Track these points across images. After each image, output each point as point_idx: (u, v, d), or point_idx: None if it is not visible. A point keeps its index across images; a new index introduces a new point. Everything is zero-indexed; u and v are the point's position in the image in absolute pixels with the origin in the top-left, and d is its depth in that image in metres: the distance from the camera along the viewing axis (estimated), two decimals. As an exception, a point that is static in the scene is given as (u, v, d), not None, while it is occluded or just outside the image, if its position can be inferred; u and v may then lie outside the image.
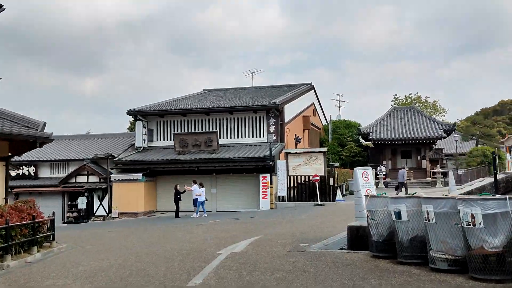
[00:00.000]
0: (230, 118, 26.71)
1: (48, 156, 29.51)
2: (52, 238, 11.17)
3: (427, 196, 5.70)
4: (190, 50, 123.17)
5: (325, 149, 22.88)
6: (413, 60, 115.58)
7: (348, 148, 34.92)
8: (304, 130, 31.14)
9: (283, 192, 22.58)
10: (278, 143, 24.73)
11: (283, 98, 26.32)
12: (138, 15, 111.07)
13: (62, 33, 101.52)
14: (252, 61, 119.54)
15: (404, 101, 46.53)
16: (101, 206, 27.76)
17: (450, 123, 32.77)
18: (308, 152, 23.02)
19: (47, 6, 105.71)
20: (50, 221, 11.14)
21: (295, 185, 23.09)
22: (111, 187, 26.36)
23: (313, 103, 34.96)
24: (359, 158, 35.17)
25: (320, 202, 21.15)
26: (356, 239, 7.27)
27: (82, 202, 27.56)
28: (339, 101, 44.41)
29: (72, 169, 28.40)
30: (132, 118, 27.88)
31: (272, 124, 25.28)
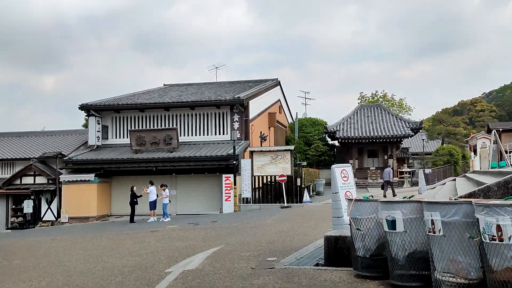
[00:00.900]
0: (192, 114, 25.09)
1: (-10, 155, 26.96)
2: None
3: (432, 201, 4.42)
4: (154, 48, 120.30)
5: (292, 147, 21.67)
6: (376, 61, 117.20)
7: (315, 147, 33.95)
8: (270, 128, 29.90)
9: (248, 194, 21.21)
10: (243, 141, 23.34)
11: (248, 93, 24.95)
12: (101, 11, 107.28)
13: (21, 28, 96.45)
14: (218, 60, 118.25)
15: (371, 99, 46.19)
16: (50, 210, 25.59)
17: (417, 122, 32.39)
18: (274, 151, 21.74)
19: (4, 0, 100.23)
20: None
21: (260, 186, 21.79)
22: (61, 189, 24.26)
23: (279, 100, 33.78)
24: (326, 158, 34.31)
25: (287, 204, 19.92)
26: (335, 253, 5.97)
27: (28, 206, 25.38)
28: (305, 99, 43.52)
29: (17, 169, 26.01)
30: (85, 114, 25.68)
31: (236, 121, 23.86)
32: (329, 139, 36.72)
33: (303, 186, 21.51)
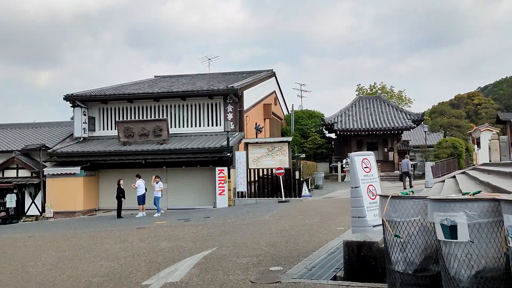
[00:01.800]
0: (183, 105, 23.69)
1: (-31, 147, 25.43)
2: None
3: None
4: (149, 44, 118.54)
5: (290, 139, 20.31)
6: (371, 56, 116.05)
7: (312, 140, 32.65)
8: (265, 120, 28.55)
9: (243, 187, 19.90)
10: (237, 133, 21.99)
11: (243, 83, 23.58)
12: (96, 7, 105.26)
13: (16, 25, 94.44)
14: (214, 59, 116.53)
15: (369, 91, 44.84)
16: (34, 204, 24.21)
17: (419, 113, 31.15)
18: (271, 142, 20.39)
19: None
20: None
21: (256, 179, 20.48)
22: (45, 183, 22.83)
23: (275, 91, 32.41)
24: (323, 150, 33.04)
25: (285, 199, 18.64)
26: (359, 263, 4.67)
27: (11, 200, 24.09)
28: (301, 91, 42.13)
29: (-1, 162, 24.52)
30: (70, 105, 24.20)
31: (230, 111, 22.49)
32: (326, 132, 35.46)
33: (302, 180, 20.23)
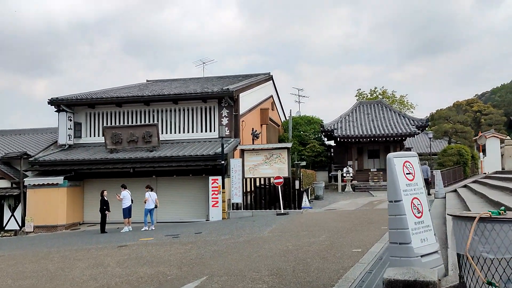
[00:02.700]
0: (175, 109, 22.24)
1: None
2: None
3: None
4: (146, 52, 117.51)
5: (290, 145, 18.84)
6: (368, 63, 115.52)
7: (310, 147, 31.20)
8: (262, 126, 27.13)
9: (238, 199, 18.39)
10: (232, 139, 20.53)
11: (238, 85, 22.17)
12: (92, 16, 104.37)
13: (11, 34, 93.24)
14: (209, 63, 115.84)
15: (369, 96, 43.53)
16: (13, 218, 22.50)
17: (423, 119, 29.85)
18: (269, 149, 18.91)
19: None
20: None
21: (253, 189, 18.98)
22: (25, 194, 21.19)
23: (272, 96, 31.03)
24: (322, 158, 31.60)
25: (284, 211, 17.14)
26: (408, 313, 3.20)
27: (-11, 213, 22.37)
28: (299, 96, 40.75)
29: (-24, 172, 22.86)
30: (55, 109, 22.69)
31: (225, 116, 21.05)
32: (325, 139, 34.06)
33: (302, 190, 18.76)
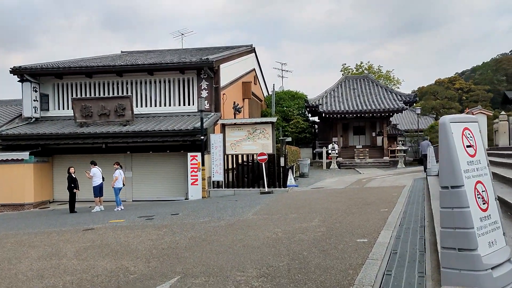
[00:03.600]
0: (150, 81, 20.68)
1: None
2: None
3: None
4: (125, 26, 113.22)
5: (275, 119, 17.58)
6: (351, 41, 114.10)
7: (294, 123, 30.05)
8: (244, 100, 25.77)
9: (219, 176, 17.18)
10: (213, 113, 19.18)
11: (219, 55, 20.68)
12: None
13: None
14: (190, 38, 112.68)
15: (355, 71, 42.37)
16: (-24, 196, 20.80)
17: (411, 94, 28.89)
18: (252, 123, 17.65)
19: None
20: None
21: (234, 167, 17.78)
22: (-12, 171, 19.56)
23: (254, 69, 29.57)
24: (306, 135, 30.54)
25: (268, 189, 16.03)
26: None
27: None
28: (282, 71, 39.33)
29: None
30: (18, 79, 20.84)
31: (205, 88, 19.60)
32: (310, 115, 32.93)
33: (287, 167, 17.64)
